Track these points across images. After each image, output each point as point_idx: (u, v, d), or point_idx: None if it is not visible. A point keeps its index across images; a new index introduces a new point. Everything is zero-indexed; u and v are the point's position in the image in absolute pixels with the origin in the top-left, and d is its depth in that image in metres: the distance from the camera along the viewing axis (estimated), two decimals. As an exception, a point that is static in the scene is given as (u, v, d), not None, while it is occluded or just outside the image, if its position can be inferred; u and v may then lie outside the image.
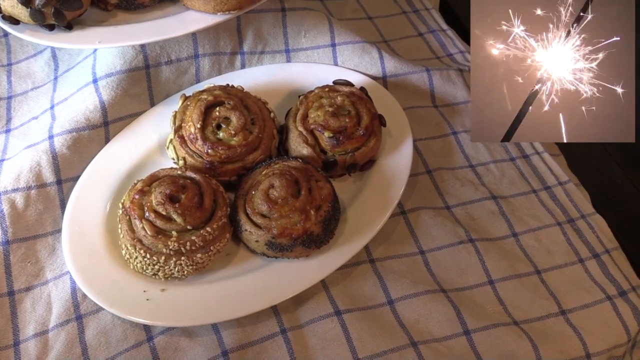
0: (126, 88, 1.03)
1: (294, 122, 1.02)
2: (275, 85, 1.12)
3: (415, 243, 1.01)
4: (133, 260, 0.88)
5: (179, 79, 1.08)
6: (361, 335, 0.90)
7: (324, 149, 1.01)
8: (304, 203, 0.89)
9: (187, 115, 0.98)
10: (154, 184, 0.89)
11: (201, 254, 0.87)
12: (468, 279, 0.99)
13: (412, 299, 0.94)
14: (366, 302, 0.94)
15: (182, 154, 0.97)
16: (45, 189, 0.95)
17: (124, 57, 1.03)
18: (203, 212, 0.87)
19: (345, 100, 1.02)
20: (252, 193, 0.91)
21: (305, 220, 0.89)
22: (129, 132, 1.03)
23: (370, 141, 1.01)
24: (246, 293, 0.89)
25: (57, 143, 0.97)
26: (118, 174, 0.99)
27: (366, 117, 1.01)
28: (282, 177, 0.90)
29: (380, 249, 1.00)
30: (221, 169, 0.96)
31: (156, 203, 0.86)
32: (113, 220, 0.93)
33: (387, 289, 0.95)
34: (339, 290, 0.94)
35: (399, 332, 0.91)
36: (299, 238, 0.88)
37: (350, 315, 0.92)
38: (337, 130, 0.99)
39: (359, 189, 1.02)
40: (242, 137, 0.96)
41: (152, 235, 0.85)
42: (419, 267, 0.99)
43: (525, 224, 1.06)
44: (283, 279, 0.91)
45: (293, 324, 0.90)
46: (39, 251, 0.90)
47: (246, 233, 0.90)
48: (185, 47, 1.07)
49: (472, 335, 0.93)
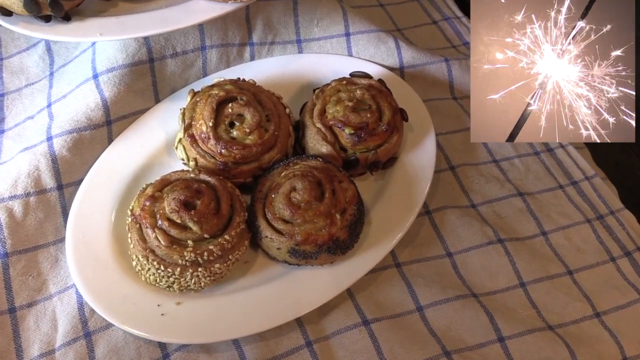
0: (129, 83, 0.94)
1: (311, 118, 0.95)
2: (287, 78, 1.04)
3: (442, 245, 0.95)
4: (145, 272, 0.80)
5: (185, 72, 1.00)
6: (391, 346, 0.84)
7: (344, 147, 0.93)
8: (328, 207, 0.82)
9: (198, 113, 0.90)
10: (166, 189, 0.81)
11: (219, 264, 0.80)
12: (499, 282, 0.93)
13: (442, 305, 0.88)
14: (394, 309, 0.88)
15: (193, 154, 0.89)
16: (45, 195, 0.87)
17: (126, 50, 0.94)
18: (220, 218, 0.80)
19: (365, 93, 0.94)
20: (272, 196, 0.84)
21: (330, 225, 0.82)
22: (133, 131, 0.95)
23: (392, 137, 0.94)
24: (268, 304, 0.82)
25: (56, 145, 0.89)
26: (123, 177, 0.91)
27: (388, 112, 0.94)
28: (305, 179, 0.83)
29: (405, 252, 0.93)
30: (236, 170, 0.89)
31: (170, 210, 0.78)
32: (120, 227, 0.86)
33: (415, 295, 0.89)
34: (365, 297, 0.88)
35: (430, 341, 0.85)
36: (325, 244, 0.81)
37: (378, 324, 0.85)
38: (358, 126, 0.92)
39: (381, 188, 0.95)
40: (257, 136, 0.88)
41: (166, 245, 0.77)
42: (447, 270, 0.93)
43: (554, 222, 1.00)
44: (307, 288, 0.84)
45: (318, 336, 0.84)
46: (41, 263, 0.83)
47: (266, 240, 0.83)
48: (192, 39, 0.99)
49: (506, 342, 0.87)
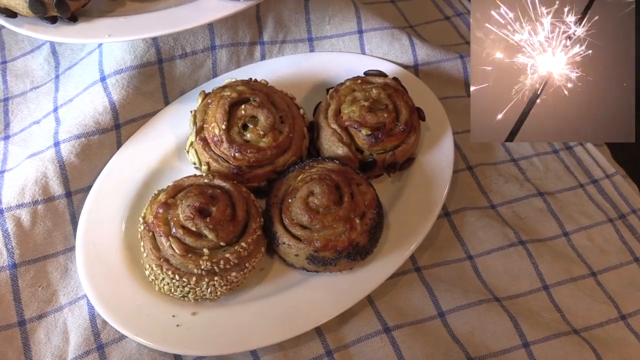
0: (138, 85, 0.91)
1: (326, 119, 0.91)
2: (299, 78, 1.01)
3: (462, 247, 0.92)
4: (159, 282, 0.77)
5: (194, 73, 0.97)
6: (414, 354, 0.80)
7: (361, 148, 0.90)
8: (347, 211, 0.79)
9: (210, 115, 0.86)
10: (179, 196, 0.78)
11: (236, 273, 0.76)
12: (521, 285, 0.90)
13: (465, 310, 0.85)
14: (415, 315, 0.85)
15: (205, 158, 0.86)
16: (54, 202, 0.84)
17: (134, 52, 0.91)
18: (236, 225, 0.77)
19: (381, 93, 0.91)
20: (289, 201, 0.81)
21: (350, 231, 0.78)
22: (143, 135, 0.91)
23: (410, 137, 0.91)
24: (286, 313, 0.79)
25: (64, 150, 0.85)
26: (134, 183, 0.88)
27: (405, 111, 0.91)
28: (323, 182, 0.80)
29: (425, 255, 0.90)
30: (250, 174, 0.85)
31: (184, 218, 0.75)
32: (132, 235, 0.82)
33: (436, 300, 0.86)
34: (385, 303, 0.85)
35: (453, 347, 0.82)
36: (344, 250, 0.78)
37: (400, 331, 0.82)
38: (375, 126, 0.88)
39: (399, 190, 0.92)
40: (271, 138, 0.85)
41: (181, 254, 0.74)
42: (468, 274, 0.90)
43: (576, 222, 0.97)
44: (326, 296, 0.81)
45: (338, 344, 0.81)
46: (50, 273, 0.80)
47: (284, 246, 0.80)
48: (201, 38, 0.95)
49: (531, 347, 0.84)
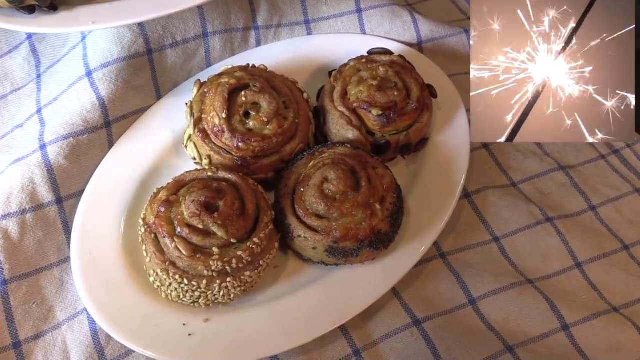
0: (127, 79, 0.83)
1: (332, 102, 0.84)
2: (299, 63, 0.94)
3: (487, 229, 0.85)
4: (166, 288, 0.69)
5: (187, 63, 0.89)
6: (448, 346, 0.73)
7: (372, 130, 0.83)
8: (366, 196, 0.71)
9: (208, 105, 0.78)
10: (182, 192, 0.70)
11: (249, 272, 0.69)
12: (552, 264, 0.83)
13: (497, 295, 0.78)
14: (445, 305, 0.77)
15: (205, 151, 0.78)
16: (44, 210, 0.75)
17: (121, 42, 0.83)
18: (246, 220, 0.69)
19: (388, 70, 0.84)
20: (302, 190, 0.73)
21: (371, 217, 0.71)
22: (136, 132, 0.83)
23: (423, 116, 0.84)
24: (307, 313, 0.71)
25: (51, 153, 0.77)
26: (129, 183, 0.80)
27: (416, 89, 0.84)
28: (337, 167, 0.72)
29: (448, 240, 0.83)
30: (255, 165, 0.78)
31: (189, 215, 0.67)
32: (132, 240, 0.74)
33: (466, 286, 0.79)
34: (412, 294, 0.77)
35: (489, 336, 0.75)
36: (366, 239, 0.71)
37: (431, 323, 0.75)
38: (386, 106, 0.81)
39: (415, 173, 0.85)
40: (276, 125, 0.78)
41: (188, 255, 0.66)
42: (496, 256, 0.83)
43: (602, 195, 0.91)
44: (349, 291, 0.73)
45: (366, 342, 0.73)
46: (45, 288, 0.73)
47: (300, 240, 0.72)
48: (192, 25, 0.88)
49: (571, 329, 0.77)
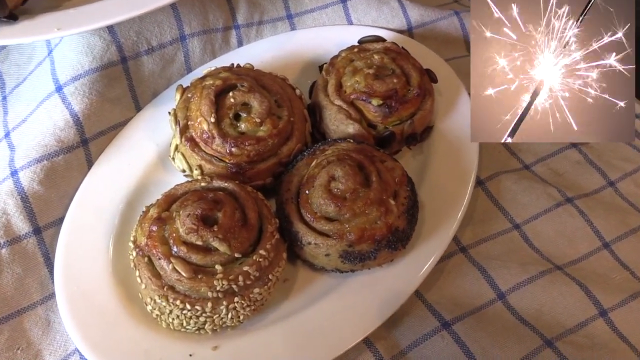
0: (102, 91, 0.75)
1: (327, 97, 0.77)
2: (286, 60, 0.86)
3: (506, 217, 0.78)
4: (166, 317, 0.61)
5: (165, 70, 0.81)
6: (483, 348, 0.66)
7: (373, 123, 0.76)
8: (378, 192, 0.64)
9: (193, 110, 0.71)
10: (174, 207, 0.62)
11: (258, 288, 0.61)
12: (579, 247, 0.77)
13: (527, 286, 0.71)
14: (473, 302, 0.70)
15: (195, 161, 0.70)
16: (20, 243, 0.67)
17: (92, 52, 0.75)
18: (249, 231, 0.61)
19: (384, 57, 0.77)
20: (307, 193, 0.65)
21: (386, 214, 0.64)
22: (117, 148, 0.75)
23: (426, 102, 0.77)
24: (325, 328, 0.64)
25: (24, 179, 0.69)
26: (114, 205, 0.71)
27: (415, 74, 0.77)
28: (343, 163, 0.65)
29: (467, 232, 0.76)
30: (251, 171, 0.70)
31: (186, 231, 0.59)
32: (123, 266, 0.66)
33: (492, 280, 0.72)
34: (436, 295, 0.70)
35: (524, 331, 0.68)
36: (383, 239, 0.63)
37: (461, 324, 0.68)
38: (386, 95, 0.74)
39: (423, 164, 0.78)
40: (270, 125, 0.70)
41: (188, 277, 0.58)
42: (519, 244, 0.76)
43: (619, 169, 0.85)
44: (369, 298, 0.66)
45: (394, 353, 0.66)
46: (29, 330, 0.66)
47: (310, 247, 0.64)
48: (168, 29, 0.80)
49: (609, 314, 0.70)
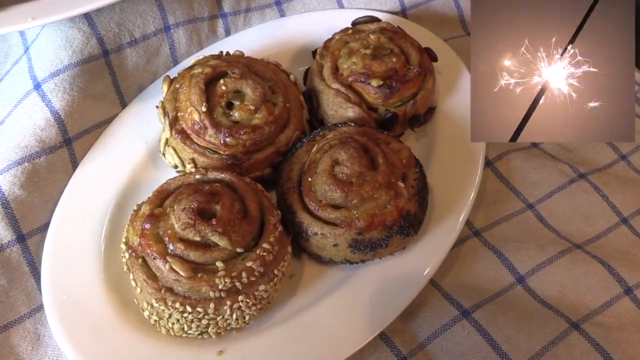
0: (84, 87, 0.70)
1: (323, 81, 0.72)
2: (276, 48, 0.82)
3: (518, 197, 0.74)
4: (165, 322, 0.55)
5: (150, 63, 0.76)
6: (507, 335, 0.62)
7: (373, 105, 0.71)
8: (386, 174, 0.59)
9: (182, 100, 0.66)
10: (168, 202, 0.57)
11: (264, 285, 0.56)
12: (597, 224, 0.73)
13: (546, 267, 0.67)
14: (492, 288, 0.66)
15: (188, 154, 0.65)
16: (3, 253, 0.63)
17: (71, 46, 0.69)
18: (250, 223, 0.56)
19: (380, 37, 0.73)
20: (309, 180, 0.61)
21: (396, 198, 0.59)
22: (103, 147, 0.71)
23: (427, 81, 0.73)
24: (337, 324, 0.59)
25: (3, 184, 0.64)
26: (103, 207, 0.67)
27: (414, 52, 0.73)
28: (347, 146, 0.60)
29: (479, 215, 0.72)
30: (248, 161, 0.65)
31: (182, 226, 0.54)
32: (116, 271, 0.61)
33: (510, 263, 0.67)
34: (452, 282, 0.66)
35: (548, 315, 0.64)
36: (395, 224, 0.59)
37: (481, 312, 0.63)
38: (385, 75, 0.70)
39: (429, 146, 0.74)
40: (265, 112, 0.65)
41: (187, 276, 0.53)
42: (534, 225, 0.72)
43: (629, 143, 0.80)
44: (382, 290, 0.61)
45: (412, 347, 0.61)
46: (18, 345, 0.62)
47: (316, 238, 0.59)
48: (151, 19, 0.75)
49: (635, 292, 0.67)
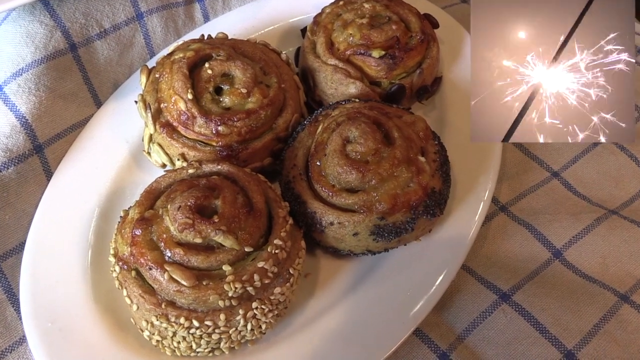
0: (51, 86, 0.62)
1: (318, 59, 0.65)
2: (261, 30, 0.76)
3: (541, 165, 0.68)
4: (169, 341, 0.47)
5: (124, 56, 0.68)
6: (554, 316, 0.55)
7: (376, 79, 0.64)
8: (404, 149, 0.52)
9: (165, 89, 0.58)
10: (159, 202, 0.49)
11: (280, 287, 0.48)
12: (628, 186, 0.68)
13: (583, 238, 0.61)
14: (528, 266, 0.59)
15: (176, 150, 0.57)
16: (-28, 281, 0.53)
17: (33, 41, 0.61)
18: (257, 217, 0.48)
19: (375, 5, 0.66)
20: (318, 164, 0.53)
21: (418, 174, 0.51)
22: (79, 152, 0.63)
23: (432, 49, 0.66)
24: (366, 325, 0.52)
25: (-34, 202, 0.55)
26: (85, 217, 0.59)
27: (414, 18, 0.66)
28: (357, 122, 0.53)
29: (503, 189, 0.66)
30: (245, 151, 0.58)
31: (179, 228, 0.45)
32: (106, 288, 0.52)
33: (544, 237, 0.61)
34: (485, 264, 0.59)
35: (594, 290, 0.57)
36: (420, 203, 0.51)
37: (521, 293, 0.56)
38: (387, 44, 0.63)
39: (440, 119, 0.67)
40: (259, 95, 0.58)
41: (191, 285, 0.45)
42: (563, 193, 0.66)
43: (648, 98, 0.75)
44: (411, 280, 0.54)
45: (451, 340, 0.54)
46: None
47: (333, 229, 0.51)
48: (120, 7, 0.67)
49: (681, 255, 0.60)
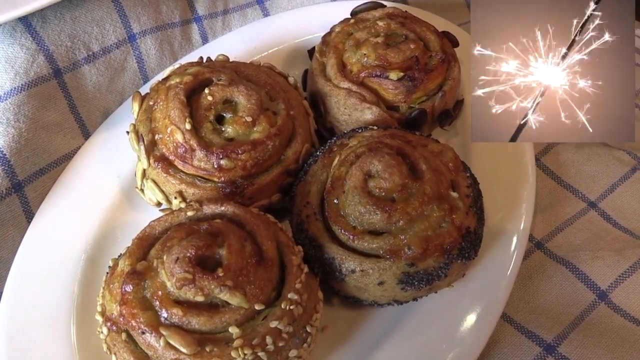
0: (33, 116, 0.56)
1: (329, 82, 0.59)
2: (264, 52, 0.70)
3: (576, 195, 0.61)
4: (167, 416, 0.39)
5: (115, 82, 0.62)
6: (607, 370, 0.47)
7: (393, 103, 0.58)
8: (434, 184, 0.45)
9: (159, 119, 0.51)
10: (153, 252, 0.42)
11: (296, 350, 0.41)
12: (673, 216, 0.60)
13: (631, 277, 0.55)
14: (571, 311, 0.54)
15: (172, 187, 0.51)
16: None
17: (12, 67, 0.55)
18: (268, 268, 0.41)
19: (390, 23, 0.60)
20: (335, 202, 0.46)
21: (451, 212, 0.45)
22: (64, 189, 0.57)
23: (453, 69, 0.61)
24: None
25: None
26: (70, 265, 0.52)
27: (433, 37, 0.60)
28: (380, 153, 0.46)
29: (537, 222, 0.60)
30: (251, 187, 0.51)
31: (177, 284, 0.38)
32: (92, 354, 0.45)
33: (586, 277, 0.54)
34: (524, 310, 0.53)
35: (646, 338, 0.50)
36: (454, 246, 0.44)
37: (567, 344, 0.50)
38: (405, 65, 0.57)
39: (462, 147, 0.61)
40: (266, 123, 0.51)
41: (192, 352, 0.38)
42: (602, 226, 0.60)
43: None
44: (446, 334, 0.46)
45: (492, 402, 0.46)
46: None
47: (354, 277, 0.44)
48: (110, 27, 0.61)
49: None
